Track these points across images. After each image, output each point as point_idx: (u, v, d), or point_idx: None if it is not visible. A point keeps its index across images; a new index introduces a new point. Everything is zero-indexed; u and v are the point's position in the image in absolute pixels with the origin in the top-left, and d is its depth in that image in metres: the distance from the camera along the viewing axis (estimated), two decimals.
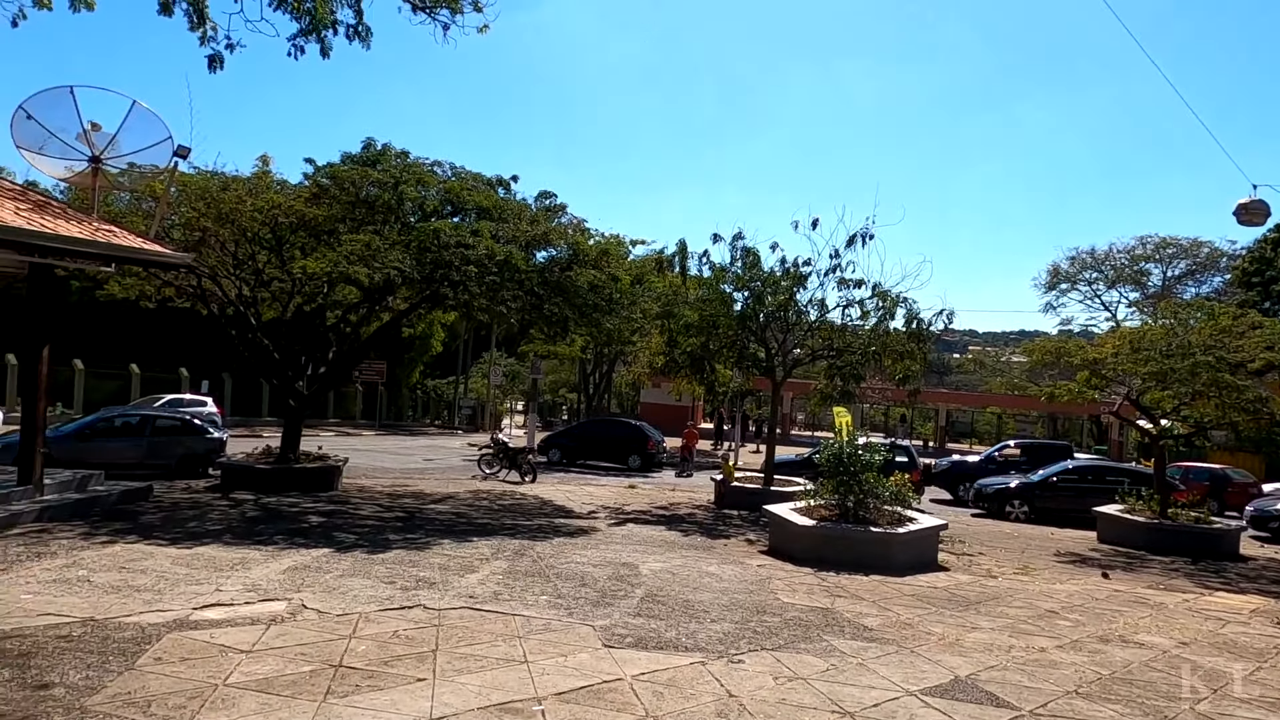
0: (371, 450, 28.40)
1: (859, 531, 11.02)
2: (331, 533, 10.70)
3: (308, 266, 12.58)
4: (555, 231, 14.41)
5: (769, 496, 17.44)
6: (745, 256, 17.79)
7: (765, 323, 18.03)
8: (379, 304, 15.31)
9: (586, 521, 13.79)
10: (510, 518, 13.58)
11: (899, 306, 16.94)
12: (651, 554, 10.81)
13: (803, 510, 12.14)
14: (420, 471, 22.12)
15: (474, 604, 7.51)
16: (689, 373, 18.05)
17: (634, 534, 12.67)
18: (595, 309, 15.23)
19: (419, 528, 11.70)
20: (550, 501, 16.52)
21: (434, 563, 9.21)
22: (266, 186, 13.85)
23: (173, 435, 17.28)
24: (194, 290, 15.45)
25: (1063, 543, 15.43)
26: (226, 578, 7.87)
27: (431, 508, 14.18)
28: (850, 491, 11.72)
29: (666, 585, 8.86)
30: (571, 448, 27.51)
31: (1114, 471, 20.43)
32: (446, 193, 14.59)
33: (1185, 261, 62.20)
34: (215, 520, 11.23)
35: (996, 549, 13.82)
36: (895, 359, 17.04)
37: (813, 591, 9.12)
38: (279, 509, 12.63)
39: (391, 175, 14.39)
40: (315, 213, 13.17)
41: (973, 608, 8.83)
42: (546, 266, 15.17)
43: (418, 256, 12.98)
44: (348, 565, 8.77)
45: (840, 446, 11.84)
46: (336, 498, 14.79)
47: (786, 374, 18.81)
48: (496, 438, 21.46)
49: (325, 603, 7.20)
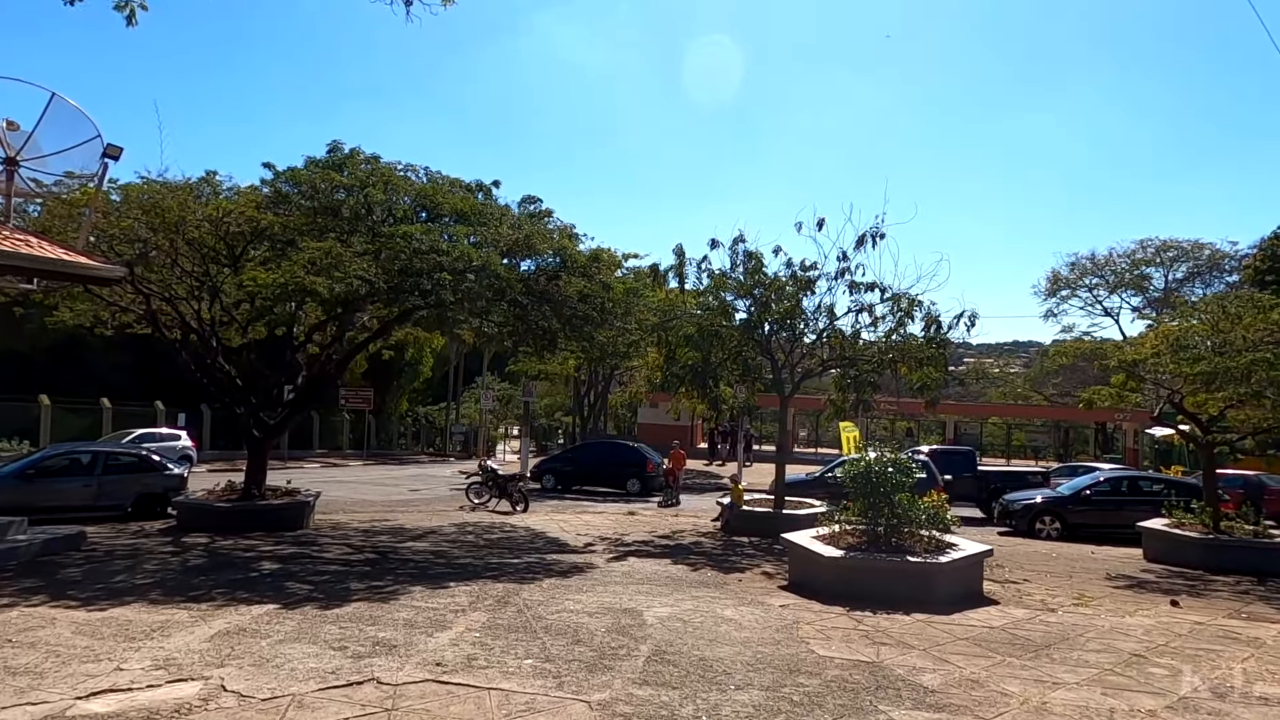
0: (355, 481, 26.87)
1: (895, 562, 9.58)
2: (283, 583, 9.19)
3: (259, 278, 11.15)
4: (539, 235, 13.05)
5: (782, 521, 15.99)
6: (747, 261, 16.46)
7: (771, 332, 16.67)
8: (348, 322, 13.87)
9: (582, 557, 12.31)
10: (496, 555, 12.09)
11: (916, 309, 15.61)
12: (657, 596, 9.34)
13: (826, 538, 10.70)
14: (404, 503, 20.60)
15: (441, 674, 6.04)
16: (690, 389, 16.63)
17: (636, 570, 11.20)
18: (585, 320, 13.85)
19: (389, 572, 10.20)
20: (542, 533, 15.03)
21: (399, 618, 7.73)
22: (215, 192, 12.47)
23: (128, 473, 15.74)
24: (144, 312, 14.01)
25: (1108, 563, 13.99)
26: (135, 650, 6.38)
27: (408, 546, 12.69)
28: (881, 515, 10.29)
29: (677, 638, 7.40)
30: (566, 473, 26.01)
31: (1150, 482, 18.99)
32: (419, 196, 13.23)
33: (1187, 264, 61.24)
34: (149, 572, 9.70)
35: (1041, 573, 12.38)
36: (915, 366, 15.66)
37: (850, 639, 7.66)
38: (231, 554, 11.13)
39: (358, 179, 13.04)
40: (270, 219, 11.78)
41: (1043, 654, 7.38)
42: (531, 276, 13.82)
43: (385, 265, 11.59)
44: (292, 626, 7.29)
45: (868, 464, 10.41)
46: (303, 537, 13.29)
47: (795, 387, 17.40)
48: (485, 465, 19.97)
49: (252, 681, 5.73)
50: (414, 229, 11.92)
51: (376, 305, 12.53)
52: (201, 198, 12.08)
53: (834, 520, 10.97)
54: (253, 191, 12.67)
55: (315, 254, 11.27)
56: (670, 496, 21.92)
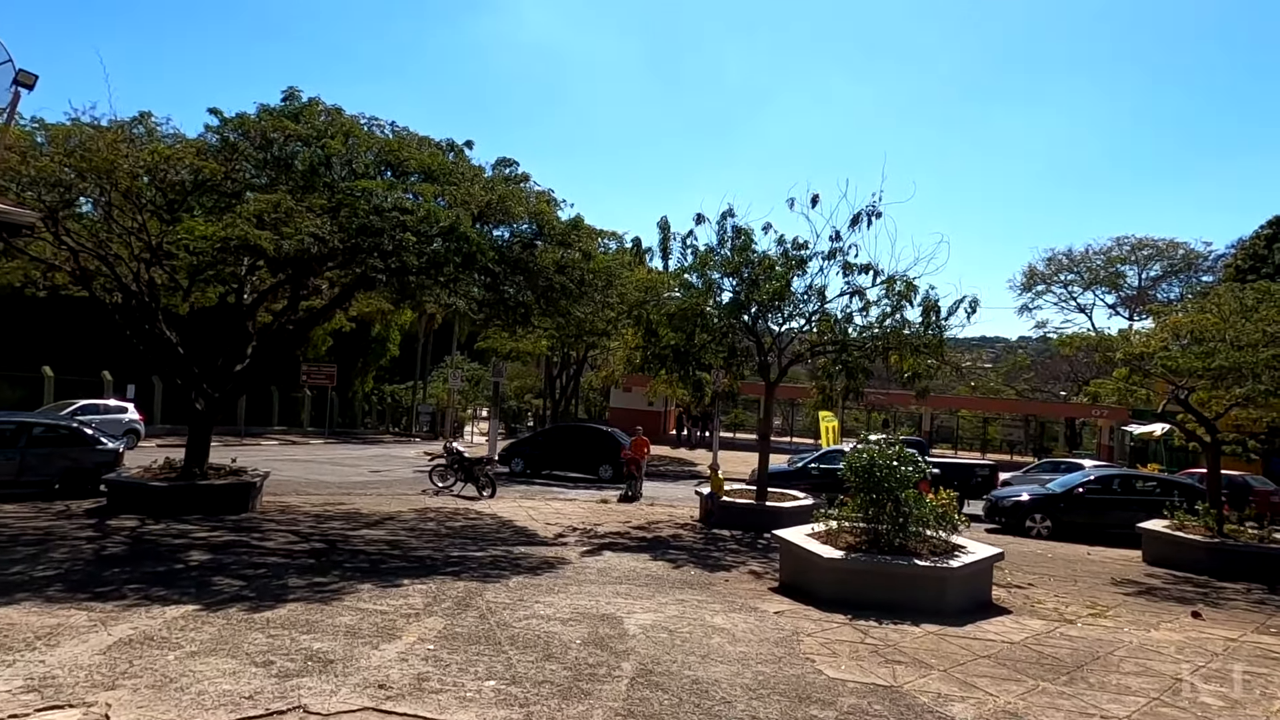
0: (313, 461, 25.52)
1: (902, 566, 8.66)
2: (211, 577, 8.03)
3: (195, 229, 9.85)
4: (514, 198, 11.87)
5: (765, 514, 15.11)
6: (736, 237, 15.44)
7: (758, 314, 15.69)
8: (301, 287, 12.60)
9: (553, 549, 11.27)
10: (459, 546, 11.00)
11: (913, 293, 14.69)
12: (637, 598, 8.34)
13: (822, 537, 9.76)
14: (363, 486, 19.38)
15: (383, 700, 4.99)
16: (671, 371, 15.60)
17: (612, 566, 10.19)
18: (563, 293, 12.73)
19: (336, 565, 9.08)
20: (510, 522, 13.97)
21: (341, 624, 6.64)
22: (150, 134, 11.11)
23: (55, 447, 14.36)
24: (74, 271, 12.65)
25: (1108, 566, 13.27)
26: (7, 665, 5.24)
27: (361, 534, 11.55)
28: (884, 512, 9.38)
29: (664, 653, 6.40)
30: (536, 456, 24.92)
31: (1142, 480, 18.37)
32: (383, 151, 11.99)
33: (1161, 263, 61.43)
34: (54, 562, 8.47)
35: (1043, 577, 11.59)
36: (910, 353, 14.78)
37: (860, 656, 6.72)
38: (158, 541, 9.91)
39: (315, 129, 11.77)
40: (213, 167, 10.47)
41: (1078, 678, 6.49)
42: (505, 243, 12.68)
43: (343, 223, 10.37)
44: (211, 633, 6.17)
45: (871, 455, 9.48)
46: (246, 522, 12.09)
47: (782, 373, 16.47)
48: (450, 447, 18.81)
49: (147, 709, 4.63)
50: (375, 184, 10.70)
51: (331, 268, 11.30)
52: (136, 141, 10.74)
53: (829, 517, 10.03)
54: (197, 141, 11.32)
55: (263, 207, 10.00)
56: (631, 488, 19.28)
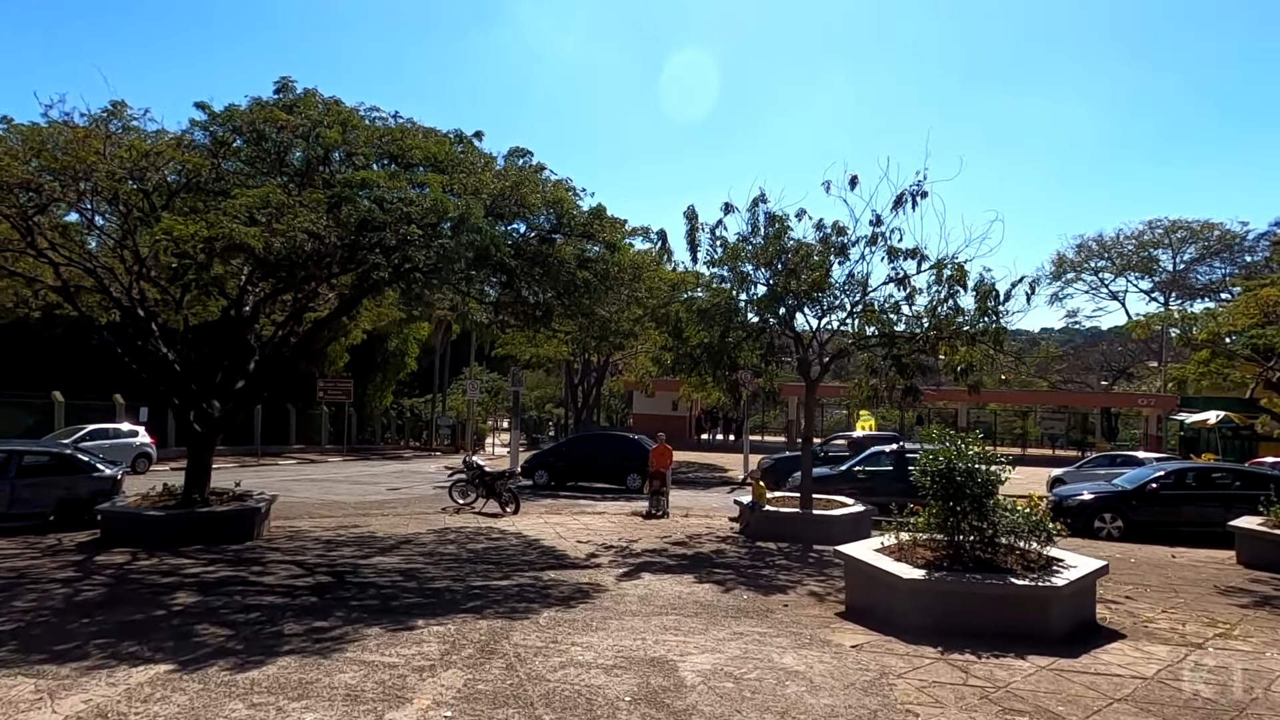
0: (329, 480, 24.57)
1: (996, 586, 7.41)
2: (195, 625, 6.93)
3: (174, 229, 8.81)
4: (530, 184, 10.77)
5: (812, 524, 13.87)
6: (770, 225, 14.25)
7: (795, 305, 14.48)
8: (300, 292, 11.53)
9: (586, 574, 10.11)
10: (481, 573, 9.87)
11: (965, 278, 13.42)
12: (690, 633, 7.16)
13: (893, 551, 8.53)
14: (380, 505, 18.34)
15: None
16: (705, 371, 14.41)
17: (655, 592, 9.01)
18: (586, 290, 11.60)
19: (341, 604, 7.96)
20: (537, 541, 12.83)
21: (340, 684, 5.50)
22: (126, 128, 10.12)
23: (47, 475, 13.42)
24: (57, 286, 11.68)
25: (1202, 571, 11.91)
26: None
27: (374, 563, 10.45)
28: (965, 522, 8.14)
29: (733, 710, 5.22)
30: (560, 468, 23.77)
31: (1221, 473, 16.91)
32: (385, 140, 10.92)
33: (1195, 245, 59.43)
34: (16, 612, 7.35)
35: (1138, 587, 10.27)
36: (966, 342, 13.51)
37: (970, 703, 5.50)
38: (144, 580, 8.85)
39: (310, 119, 10.73)
40: (196, 161, 9.45)
41: None
42: (521, 237, 11.58)
43: (341, 219, 9.29)
44: (181, 704, 5.05)
45: (949, 457, 8.25)
46: (248, 552, 11.04)
47: (825, 370, 15.24)
48: (470, 461, 17.72)
49: None
50: (376, 175, 9.64)
51: (329, 268, 10.23)
52: (112, 138, 9.75)
53: (901, 527, 8.80)
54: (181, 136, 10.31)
55: (251, 202, 8.96)
56: (656, 505, 16.68)
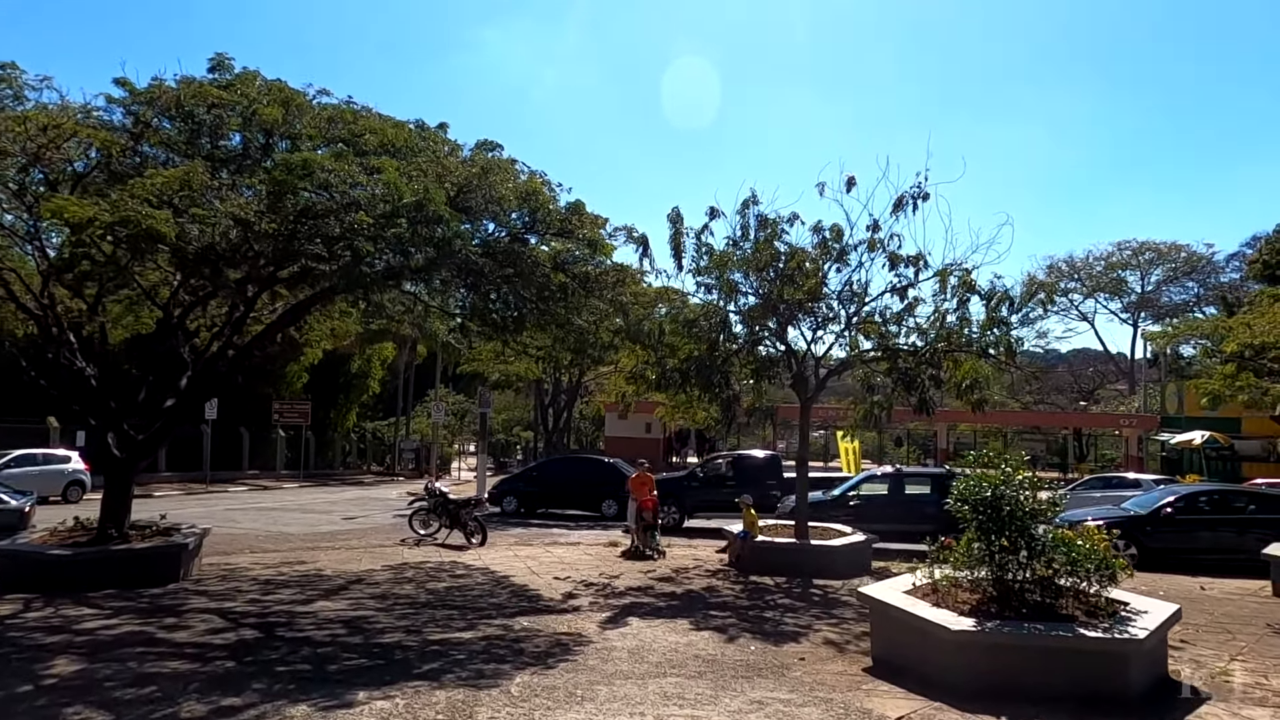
0: (280, 509, 22.80)
1: (1065, 638, 6.16)
2: (64, 709, 5.36)
3: (67, 211, 7.31)
4: (499, 170, 9.47)
5: (811, 556, 12.61)
6: (761, 228, 13.10)
7: (789, 313, 13.30)
8: (222, 289, 9.95)
9: (565, 619, 8.71)
10: (441, 622, 8.41)
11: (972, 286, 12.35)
12: (698, 704, 5.80)
13: (928, 595, 7.27)
14: (332, 536, 16.71)
15: None
16: (693, 388, 13.11)
17: (647, 644, 7.64)
18: (562, 294, 10.29)
19: (264, 669, 6.44)
20: (507, 579, 11.40)
21: None
22: (17, 96, 8.62)
23: None
24: None
25: (1243, 605, 10.85)
26: None
27: (315, 609, 8.93)
28: (1015, 560, 6.92)
29: None
30: (531, 494, 22.27)
31: (1236, 496, 15.99)
32: (334, 122, 9.55)
33: (1163, 267, 59.88)
34: None
35: (1184, 626, 9.06)
36: (977, 355, 12.41)
37: None
38: (26, 637, 7.23)
39: (246, 96, 9.34)
40: (104, 137, 8.00)
41: None
42: (491, 235, 10.26)
43: (273, 202, 7.90)
44: None
45: (992, 484, 7.03)
46: (168, 597, 9.47)
47: (821, 385, 14.05)
48: (432, 487, 16.19)
49: None
50: (320, 157, 8.28)
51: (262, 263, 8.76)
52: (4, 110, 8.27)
53: (934, 560, 7.55)
54: (89, 108, 8.84)
55: (166, 181, 7.51)
56: (645, 542, 14.05)
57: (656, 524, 14.46)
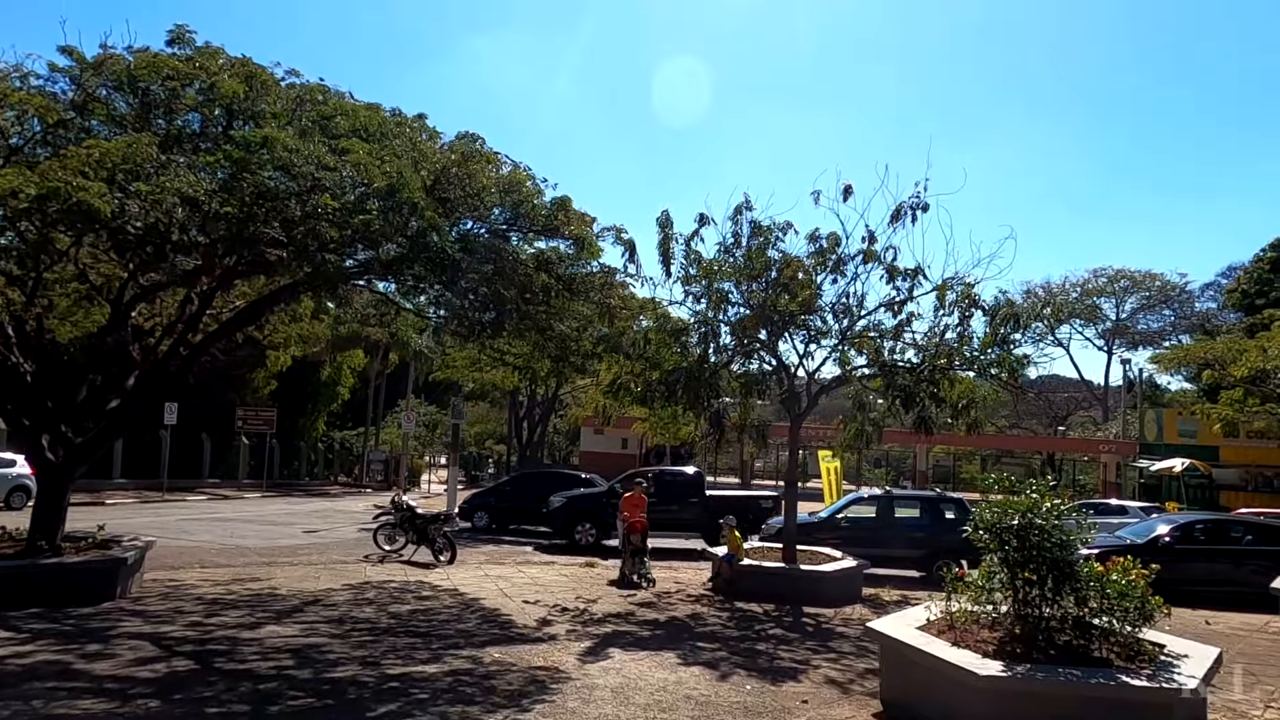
0: (240, 519, 21.67)
1: (1107, 686, 5.50)
2: None
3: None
4: (481, 159, 8.75)
5: (801, 581, 11.90)
6: (755, 236, 12.48)
7: (781, 328, 12.68)
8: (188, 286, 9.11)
9: (539, 650, 7.91)
10: (403, 653, 7.57)
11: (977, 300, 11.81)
12: None
13: (943, 631, 6.59)
14: (291, 551, 15.72)
15: None
16: (681, 400, 12.41)
17: (632, 680, 6.87)
18: (545, 296, 9.55)
19: (193, 711, 5.59)
20: (476, 601, 10.56)
21: None
22: None
23: None
24: None
25: (1255, 642, 10.35)
26: None
27: (262, 635, 8.05)
28: (1043, 595, 6.27)
29: None
30: (503, 509, 21.40)
31: (1234, 526, 15.56)
32: (299, 101, 8.78)
33: (1138, 295, 60.42)
34: None
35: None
36: (979, 373, 11.85)
37: None
38: None
39: (205, 70, 8.54)
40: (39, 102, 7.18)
41: None
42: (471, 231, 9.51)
43: (228, 182, 7.10)
44: None
45: (1020, 510, 6.39)
46: (98, 618, 8.54)
47: (813, 401, 13.40)
48: (399, 500, 15.28)
49: None
50: (282, 135, 7.50)
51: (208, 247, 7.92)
52: None
53: (955, 589, 6.86)
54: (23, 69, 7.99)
55: (108, 153, 6.68)
56: (639, 567, 12.80)
57: (646, 548, 13.16)
